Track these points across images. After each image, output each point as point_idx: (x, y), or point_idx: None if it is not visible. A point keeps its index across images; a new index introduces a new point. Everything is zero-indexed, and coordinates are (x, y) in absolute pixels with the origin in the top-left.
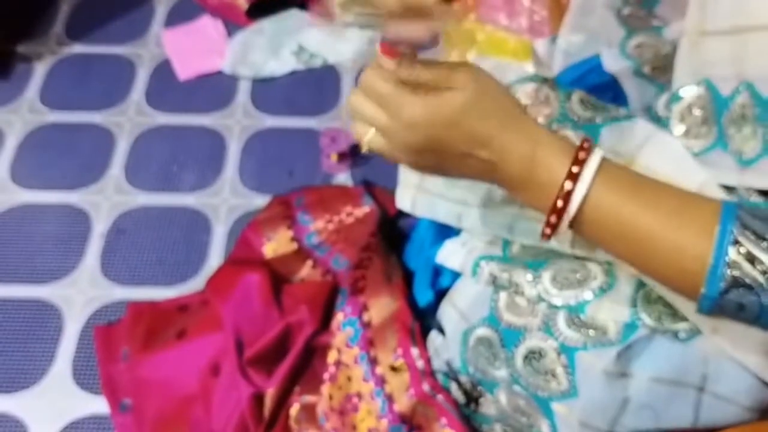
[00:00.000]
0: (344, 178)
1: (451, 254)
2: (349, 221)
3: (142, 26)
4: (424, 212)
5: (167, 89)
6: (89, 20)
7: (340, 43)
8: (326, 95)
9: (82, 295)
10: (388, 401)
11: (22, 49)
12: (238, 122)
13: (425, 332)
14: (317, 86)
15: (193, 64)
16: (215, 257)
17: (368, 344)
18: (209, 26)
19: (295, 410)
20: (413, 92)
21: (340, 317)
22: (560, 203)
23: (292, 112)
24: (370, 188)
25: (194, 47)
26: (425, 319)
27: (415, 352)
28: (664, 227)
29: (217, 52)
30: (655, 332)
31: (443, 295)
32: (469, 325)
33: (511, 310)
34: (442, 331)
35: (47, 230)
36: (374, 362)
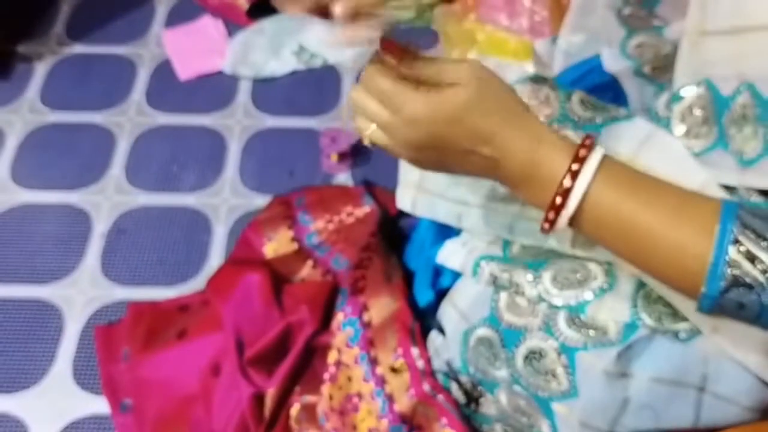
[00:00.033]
0: (344, 178)
1: (451, 254)
2: (349, 221)
3: (142, 26)
4: (424, 212)
5: (168, 89)
6: (90, 20)
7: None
8: (327, 95)
9: (82, 295)
10: (388, 401)
11: (22, 49)
12: (238, 122)
13: (425, 332)
14: (318, 86)
15: (193, 64)
16: (216, 257)
17: (368, 344)
18: (210, 26)
19: (295, 410)
20: (415, 89)
21: (340, 317)
22: (558, 200)
23: (292, 112)
24: (370, 188)
25: (195, 47)
26: (425, 319)
27: (415, 352)
28: (664, 226)
29: (217, 52)
30: (655, 332)
31: (443, 295)
32: (469, 325)
33: (511, 310)
34: (442, 331)
35: (48, 230)
36: (374, 362)
